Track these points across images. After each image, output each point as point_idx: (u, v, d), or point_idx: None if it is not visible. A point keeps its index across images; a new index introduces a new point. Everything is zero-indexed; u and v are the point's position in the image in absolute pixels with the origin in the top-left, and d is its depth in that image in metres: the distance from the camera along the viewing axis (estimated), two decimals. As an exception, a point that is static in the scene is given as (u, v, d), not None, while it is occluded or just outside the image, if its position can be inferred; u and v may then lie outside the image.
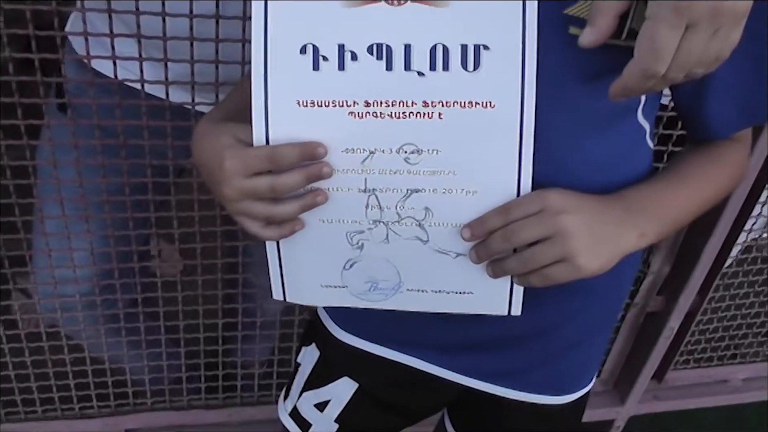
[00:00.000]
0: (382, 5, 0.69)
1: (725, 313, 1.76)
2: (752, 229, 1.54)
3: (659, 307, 1.61)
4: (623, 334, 1.68)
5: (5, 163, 1.13)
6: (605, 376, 1.77)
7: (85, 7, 1.03)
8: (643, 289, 1.58)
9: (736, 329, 1.82)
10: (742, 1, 0.63)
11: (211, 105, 1.10)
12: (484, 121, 0.70)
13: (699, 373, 1.89)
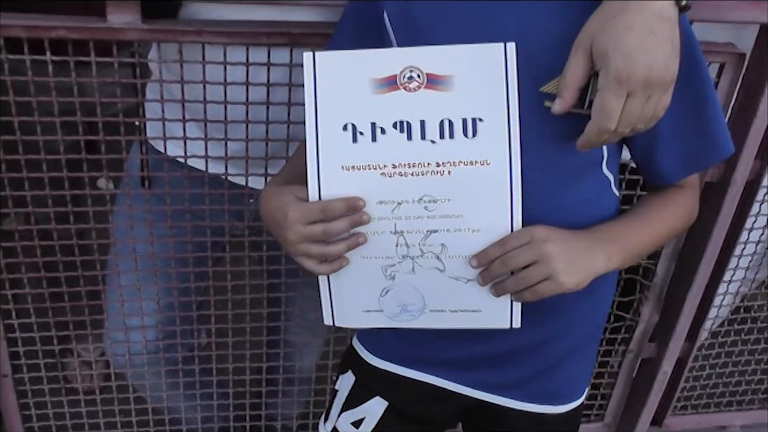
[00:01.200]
0: (401, 92, 0.94)
1: (716, 360, 1.95)
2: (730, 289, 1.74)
3: (652, 353, 1.81)
4: (621, 380, 1.87)
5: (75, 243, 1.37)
6: (608, 420, 1.96)
7: (156, 98, 1.29)
8: (636, 336, 1.78)
9: (729, 376, 2.00)
10: (668, 75, 0.88)
11: (261, 176, 1.34)
12: (483, 176, 0.94)
13: (697, 419, 2.06)
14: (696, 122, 1.02)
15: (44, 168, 1.30)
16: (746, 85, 1.44)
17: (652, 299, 1.73)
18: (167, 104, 1.29)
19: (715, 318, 1.80)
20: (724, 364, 1.98)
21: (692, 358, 1.85)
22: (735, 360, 1.96)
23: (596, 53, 0.88)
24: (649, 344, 1.80)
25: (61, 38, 1.20)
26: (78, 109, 1.26)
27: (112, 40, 1.20)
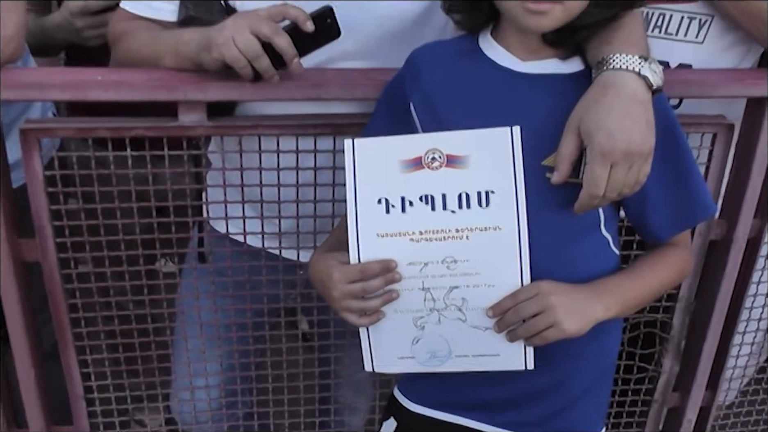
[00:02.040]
0: (426, 171, 1.14)
1: (740, 409, 2.06)
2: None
3: (676, 402, 1.93)
4: (649, 429, 1.99)
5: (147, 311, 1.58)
6: (639, 471, 2.07)
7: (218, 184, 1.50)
8: (659, 387, 1.91)
9: (754, 425, 2.11)
10: (645, 147, 1.06)
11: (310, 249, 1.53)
12: (495, 239, 1.12)
13: (726, 467, 2.16)
14: (680, 187, 1.20)
15: (122, 247, 1.51)
16: (739, 152, 1.61)
17: (672, 351, 1.86)
18: (227, 189, 1.51)
19: (742, 377, 1.93)
20: (756, 422, 2.09)
21: (716, 407, 1.96)
22: (765, 418, 2.07)
23: (583, 132, 1.08)
24: (673, 394, 1.93)
25: (139, 136, 1.42)
26: (152, 196, 1.48)
27: (182, 136, 1.43)
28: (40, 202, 1.46)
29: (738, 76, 1.55)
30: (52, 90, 1.41)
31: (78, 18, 1.87)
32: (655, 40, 1.63)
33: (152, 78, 1.40)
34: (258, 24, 1.24)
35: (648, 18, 1.64)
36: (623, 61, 1.11)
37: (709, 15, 1.62)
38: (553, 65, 1.19)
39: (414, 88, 1.25)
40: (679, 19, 1.63)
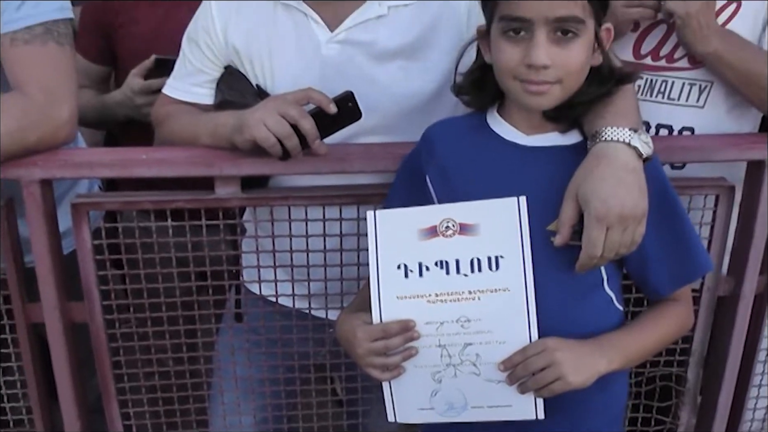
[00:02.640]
0: (440, 239, 1.27)
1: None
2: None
3: (695, 453, 2.01)
4: (671, 481, 2.07)
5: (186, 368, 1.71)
6: None
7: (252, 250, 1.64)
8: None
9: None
10: (638, 211, 1.18)
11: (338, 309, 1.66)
12: (505, 300, 1.24)
13: None
14: (677, 246, 1.32)
15: (163, 308, 1.65)
16: (742, 213, 1.71)
17: (688, 404, 1.94)
18: (261, 254, 1.65)
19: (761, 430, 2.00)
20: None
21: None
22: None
23: (581, 199, 1.21)
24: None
25: (179, 208, 1.57)
26: (191, 262, 1.62)
27: (218, 207, 1.57)
28: (89, 268, 1.61)
29: (735, 141, 1.67)
30: (101, 168, 1.58)
31: (139, 96, 2.06)
32: (659, 105, 1.77)
33: (191, 156, 1.56)
34: (286, 107, 1.39)
35: (652, 84, 1.77)
36: (615, 134, 1.24)
37: (709, 81, 1.74)
38: (554, 138, 1.33)
39: (429, 162, 1.39)
40: (681, 85, 1.76)
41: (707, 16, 1.62)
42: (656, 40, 1.76)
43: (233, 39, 1.58)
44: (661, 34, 1.75)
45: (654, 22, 1.74)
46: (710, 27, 1.63)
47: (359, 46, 1.54)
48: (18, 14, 1.51)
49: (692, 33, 1.63)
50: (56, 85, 1.53)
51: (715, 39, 1.64)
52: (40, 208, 1.55)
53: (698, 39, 1.64)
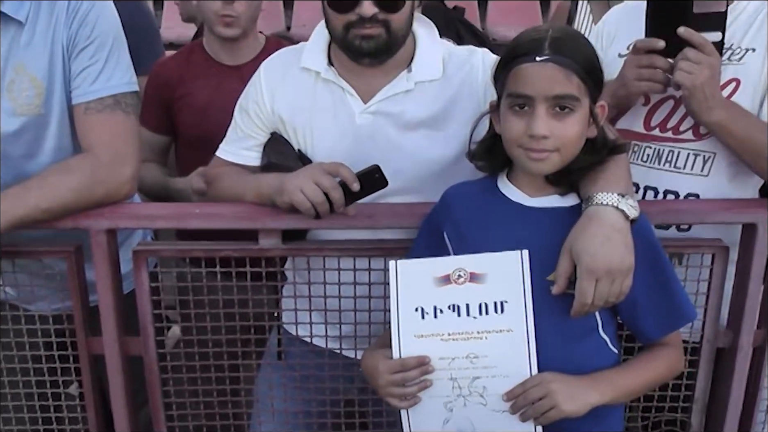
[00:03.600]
0: (453, 286, 1.49)
1: None
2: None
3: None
4: None
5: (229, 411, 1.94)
6: None
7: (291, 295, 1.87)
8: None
9: None
10: (624, 266, 1.40)
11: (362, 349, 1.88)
12: (508, 339, 1.46)
13: None
14: (663, 297, 1.53)
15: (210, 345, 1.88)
16: (738, 270, 1.90)
17: (693, 448, 2.11)
18: (298, 299, 1.88)
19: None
20: None
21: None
22: None
23: (574, 254, 1.43)
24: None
25: (227, 257, 1.81)
26: (236, 304, 1.86)
27: (261, 256, 1.81)
28: (146, 308, 1.85)
29: (728, 206, 1.87)
30: (159, 220, 1.84)
31: (196, 196, 2.30)
32: (666, 172, 1.98)
33: (238, 211, 1.81)
34: (320, 177, 1.64)
35: (660, 154, 1.98)
36: (605, 198, 1.46)
37: (712, 152, 1.94)
38: (554, 200, 1.55)
39: (446, 220, 1.62)
40: (686, 156, 1.96)
41: (712, 88, 1.79)
42: (664, 114, 1.97)
43: (279, 109, 1.84)
44: (669, 109, 1.96)
45: (662, 98, 1.96)
46: (715, 98, 1.80)
47: (389, 117, 1.79)
48: (92, 87, 1.79)
49: (698, 103, 1.80)
50: (121, 148, 1.81)
51: (719, 109, 1.81)
52: (105, 254, 1.80)
53: (703, 109, 1.81)
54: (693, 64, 1.76)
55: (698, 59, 1.76)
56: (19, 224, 1.70)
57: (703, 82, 1.77)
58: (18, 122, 1.79)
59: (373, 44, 1.72)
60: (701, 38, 1.78)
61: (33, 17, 1.76)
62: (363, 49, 1.72)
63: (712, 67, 1.76)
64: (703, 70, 1.75)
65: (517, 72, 1.49)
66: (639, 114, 2.00)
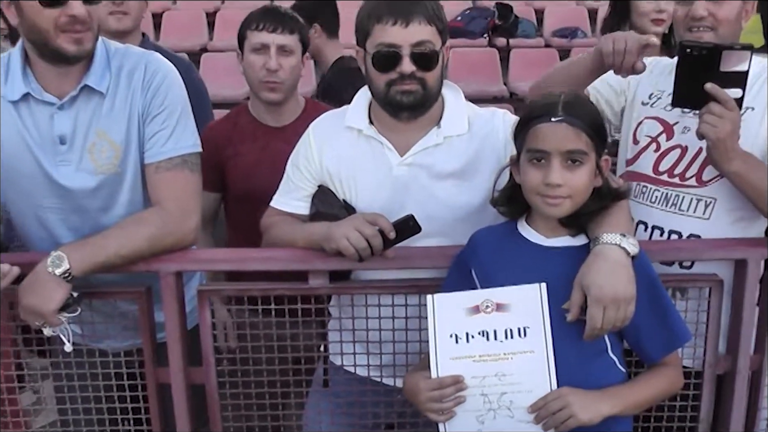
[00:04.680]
0: (482, 315, 1.78)
1: None
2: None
3: None
4: None
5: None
6: None
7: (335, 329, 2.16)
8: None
9: None
10: (627, 295, 1.69)
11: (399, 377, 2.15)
12: (531, 359, 1.74)
13: None
14: (662, 322, 1.81)
15: (264, 374, 2.16)
16: (732, 301, 2.18)
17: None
18: (342, 332, 2.16)
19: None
20: None
21: None
22: None
23: (584, 286, 1.72)
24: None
25: (280, 295, 2.10)
26: (288, 338, 2.14)
27: (311, 295, 2.10)
28: (208, 341, 2.14)
29: (720, 244, 2.16)
30: (222, 263, 2.14)
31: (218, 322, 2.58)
32: (671, 214, 2.25)
33: (291, 254, 2.12)
34: (361, 227, 1.95)
35: (667, 197, 2.25)
36: (609, 238, 1.76)
37: (713, 198, 2.21)
38: (567, 240, 1.85)
39: (474, 260, 1.92)
40: (689, 200, 2.24)
41: (733, 141, 2.02)
42: (672, 161, 2.25)
43: (327, 163, 2.15)
44: (676, 157, 2.25)
45: (671, 146, 2.24)
46: (735, 150, 2.03)
47: (422, 168, 2.09)
48: (163, 149, 2.11)
49: (719, 154, 2.03)
50: (187, 203, 2.12)
51: (738, 161, 2.04)
52: (174, 294, 2.10)
53: (724, 160, 2.04)
54: (717, 118, 1.99)
55: (722, 114, 1.99)
56: (100, 269, 2.00)
57: (726, 135, 2.00)
58: (97, 180, 2.11)
59: (411, 98, 2.03)
60: (725, 95, 2.00)
61: (113, 88, 2.08)
62: (403, 103, 2.03)
63: (733, 122, 2.00)
64: (726, 124, 1.99)
65: (535, 131, 1.80)
66: (649, 159, 2.28)
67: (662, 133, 2.29)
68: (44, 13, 1.94)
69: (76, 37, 1.99)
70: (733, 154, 2.04)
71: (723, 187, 2.19)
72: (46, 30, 1.96)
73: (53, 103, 2.06)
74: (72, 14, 1.96)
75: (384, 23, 1.97)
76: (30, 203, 2.15)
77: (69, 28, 1.97)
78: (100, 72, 2.07)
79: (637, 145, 2.34)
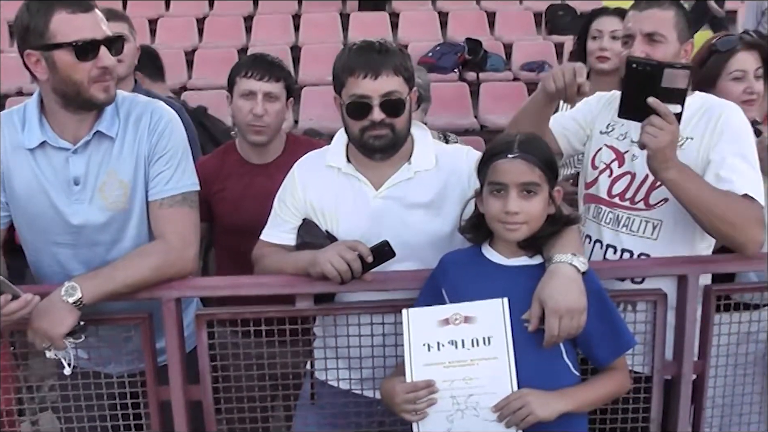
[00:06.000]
0: (452, 326, 2.06)
1: None
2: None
3: None
4: None
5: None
6: None
7: (320, 347, 2.42)
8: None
9: None
10: (579, 306, 1.98)
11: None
12: (494, 365, 2.02)
13: None
14: (609, 331, 2.10)
15: (256, 389, 2.42)
16: (676, 313, 2.47)
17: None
18: (326, 350, 2.43)
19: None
20: None
21: None
22: None
23: (541, 300, 2.01)
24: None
25: (270, 317, 2.37)
26: (277, 356, 2.41)
27: (298, 316, 2.37)
28: (205, 361, 2.40)
29: (661, 262, 2.45)
30: (219, 290, 2.41)
31: None
32: (623, 234, 2.54)
33: (280, 280, 2.39)
34: (343, 252, 2.22)
35: (619, 219, 2.55)
36: (561, 258, 2.05)
37: (660, 220, 2.50)
38: (525, 260, 2.14)
39: (444, 279, 2.20)
40: (639, 222, 2.53)
41: (671, 151, 2.23)
42: (623, 186, 2.55)
43: (310, 198, 2.43)
44: (627, 182, 2.54)
45: (623, 173, 2.54)
46: (672, 160, 2.24)
47: (396, 200, 2.37)
48: (166, 187, 2.38)
49: (657, 163, 2.24)
50: (188, 236, 2.38)
51: (674, 169, 2.25)
52: (174, 318, 2.36)
53: (662, 168, 2.24)
54: (657, 130, 2.19)
55: (662, 126, 2.19)
56: (108, 297, 2.25)
57: (664, 145, 2.20)
58: (107, 215, 2.37)
59: (382, 142, 2.31)
60: (666, 108, 2.20)
61: (122, 133, 2.36)
62: (375, 146, 2.32)
63: (672, 134, 2.20)
64: (665, 135, 2.19)
65: (494, 166, 2.10)
66: (605, 184, 2.58)
67: (615, 160, 2.59)
68: (79, 66, 2.21)
69: (105, 85, 2.26)
70: (671, 164, 2.25)
71: (668, 210, 2.47)
72: (80, 82, 2.23)
73: (68, 149, 2.32)
74: (104, 66, 2.24)
75: (356, 76, 2.26)
76: (45, 240, 2.40)
77: (100, 79, 2.25)
78: (110, 119, 2.34)
79: (595, 170, 2.64)
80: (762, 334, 2.62)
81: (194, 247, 2.38)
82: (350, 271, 2.22)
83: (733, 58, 2.87)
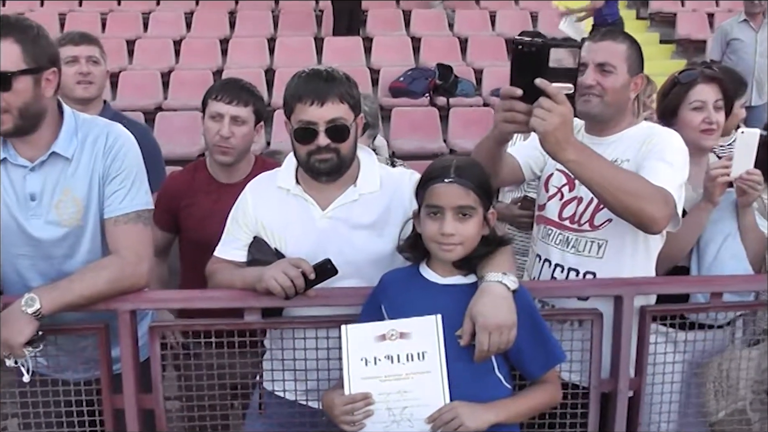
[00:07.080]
0: (388, 341, 2.14)
1: None
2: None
3: None
4: None
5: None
6: None
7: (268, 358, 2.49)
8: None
9: None
10: (509, 322, 2.07)
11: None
12: (428, 378, 2.10)
13: None
14: (539, 345, 2.19)
15: (206, 399, 2.48)
16: (613, 331, 2.55)
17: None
18: (273, 362, 2.50)
19: None
20: None
21: None
22: None
23: (473, 316, 2.09)
24: None
25: (220, 330, 2.44)
26: (227, 366, 2.47)
27: (246, 329, 2.44)
28: (157, 371, 2.46)
29: (596, 283, 2.55)
30: (171, 302, 2.48)
31: None
32: (571, 254, 2.66)
33: (230, 295, 2.47)
34: (287, 269, 2.30)
35: (568, 240, 2.66)
36: (493, 276, 2.13)
37: (605, 239, 2.61)
38: (459, 279, 2.23)
39: (383, 297, 2.28)
40: (585, 242, 2.64)
41: (565, 133, 2.13)
42: (572, 210, 2.67)
43: (261, 217, 2.51)
44: (575, 207, 2.65)
45: (572, 197, 2.65)
46: (568, 141, 2.15)
47: (341, 221, 2.46)
48: (120, 205, 2.46)
49: (550, 146, 2.15)
50: (141, 251, 2.46)
51: (571, 150, 2.18)
52: (129, 330, 2.43)
53: (557, 150, 2.16)
54: (546, 112, 2.09)
55: (551, 107, 2.09)
56: (66, 308, 2.33)
57: (554, 128, 2.11)
58: (62, 231, 2.45)
59: (327, 166, 2.40)
60: (554, 89, 2.09)
61: (78, 154, 2.44)
62: (321, 169, 2.41)
63: (562, 115, 2.10)
64: (554, 117, 2.09)
65: (431, 190, 2.18)
66: (555, 207, 2.70)
67: (566, 184, 2.70)
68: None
69: None
70: (566, 145, 2.17)
71: (613, 230, 2.59)
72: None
73: (26, 166, 2.40)
74: None
75: (303, 103, 2.36)
76: (8, 252, 2.47)
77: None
78: (68, 139, 2.43)
79: (547, 193, 2.76)
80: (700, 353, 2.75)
81: (147, 262, 2.45)
82: (294, 287, 2.30)
83: (693, 89, 2.98)
